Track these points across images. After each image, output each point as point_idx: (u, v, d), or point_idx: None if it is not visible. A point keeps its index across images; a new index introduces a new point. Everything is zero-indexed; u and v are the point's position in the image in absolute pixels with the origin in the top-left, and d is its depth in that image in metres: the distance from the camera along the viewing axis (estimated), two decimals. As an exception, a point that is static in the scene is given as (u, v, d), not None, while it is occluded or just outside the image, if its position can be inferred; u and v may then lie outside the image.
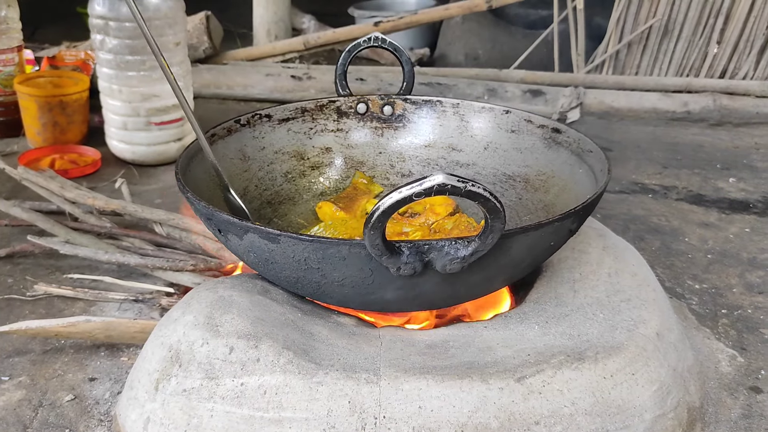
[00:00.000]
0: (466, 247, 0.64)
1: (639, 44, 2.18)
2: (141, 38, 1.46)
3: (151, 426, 0.71)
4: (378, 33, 1.02)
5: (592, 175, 0.85)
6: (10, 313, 1.01)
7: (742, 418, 0.84)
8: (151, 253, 1.08)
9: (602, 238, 0.93)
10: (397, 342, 0.74)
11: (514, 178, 0.98)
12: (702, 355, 0.94)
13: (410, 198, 0.58)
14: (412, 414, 0.66)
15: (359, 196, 1.01)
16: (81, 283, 1.07)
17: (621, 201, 1.47)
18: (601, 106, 2.03)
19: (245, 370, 0.69)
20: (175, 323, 0.75)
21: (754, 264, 1.22)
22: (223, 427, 0.68)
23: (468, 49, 2.56)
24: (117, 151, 1.58)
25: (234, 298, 0.77)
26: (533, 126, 0.98)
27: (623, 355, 0.73)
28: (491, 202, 0.59)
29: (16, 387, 0.87)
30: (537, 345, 0.74)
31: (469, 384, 0.68)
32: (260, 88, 2.09)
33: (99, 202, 1.17)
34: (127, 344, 0.94)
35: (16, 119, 1.66)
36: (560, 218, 0.69)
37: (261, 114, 0.99)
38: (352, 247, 0.65)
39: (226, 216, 0.70)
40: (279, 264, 0.71)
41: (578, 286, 0.84)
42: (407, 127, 1.06)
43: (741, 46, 2.12)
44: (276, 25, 2.49)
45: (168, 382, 0.71)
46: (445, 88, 2.03)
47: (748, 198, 1.50)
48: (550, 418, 0.68)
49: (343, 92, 1.05)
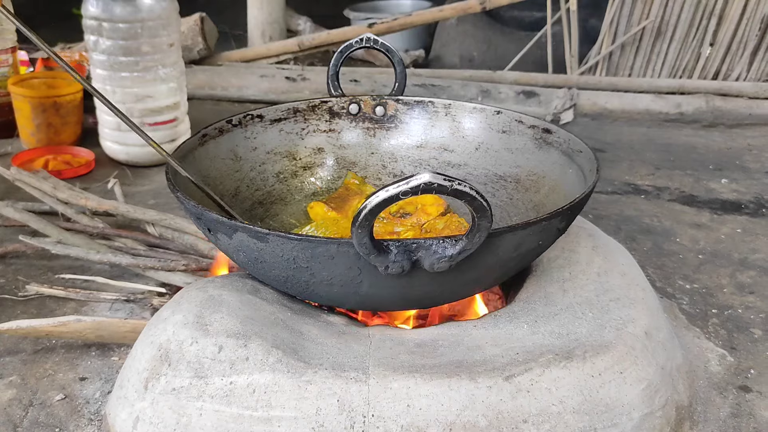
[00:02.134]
0: (454, 246, 0.64)
1: (632, 46, 2.18)
2: (134, 39, 1.46)
3: (141, 425, 0.71)
4: (370, 34, 1.02)
5: (582, 174, 0.86)
6: (2, 313, 1.01)
7: (731, 417, 0.84)
8: (143, 253, 1.08)
9: (592, 238, 0.94)
10: (386, 341, 0.74)
11: (505, 178, 0.99)
12: (692, 354, 0.95)
13: (397, 197, 0.59)
14: (400, 412, 0.67)
15: (351, 197, 1.01)
16: (73, 283, 1.07)
17: (613, 202, 1.48)
18: (595, 108, 2.03)
19: (234, 369, 0.69)
20: (165, 322, 0.75)
21: (745, 264, 1.22)
22: (213, 425, 0.68)
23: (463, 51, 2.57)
24: (111, 152, 1.59)
25: (224, 297, 0.77)
26: (524, 126, 0.98)
27: (612, 354, 0.74)
28: (478, 200, 0.59)
29: (6, 386, 0.87)
30: (526, 344, 0.74)
31: (458, 382, 0.68)
32: (255, 90, 2.09)
33: (91, 202, 1.17)
34: (118, 344, 0.94)
35: (9, 120, 1.66)
36: (548, 217, 0.70)
37: (253, 114, 1.00)
38: (340, 245, 0.65)
39: (215, 215, 0.70)
40: (268, 263, 0.71)
41: (568, 285, 0.84)
42: (399, 128, 1.06)
43: (734, 47, 2.12)
44: (271, 26, 2.50)
45: (157, 381, 0.71)
46: (439, 89, 2.04)
47: (740, 199, 1.51)
48: (539, 417, 0.68)
49: (336, 93, 1.05)
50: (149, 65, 1.50)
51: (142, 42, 1.47)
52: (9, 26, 1.66)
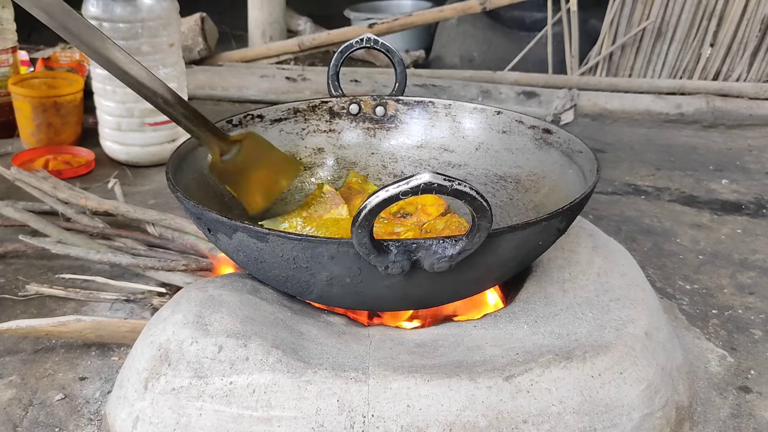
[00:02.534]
0: (454, 246, 0.64)
1: (632, 46, 2.18)
2: (135, 39, 1.46)
3: (141, 425, 0.71)
4: (370, 34, 1.02)
5: (582, 175, 0.86)
6: (2, 313, 1.01)
7: (731, 418, 0.84)
8: (143, 253, 1.08)
9: (592, 238, 0.94)
10: (386, 341, 0.74)
11: (505, 178, 0.99)
12: (692, 354, 0.95)
13: (397, 196, 0.59)
14: (400, 413, 0.67)
15: (353, 196, 1.01)
16: (73, 283, 1.07)
17: (614, 202, 1.48)
18: (595, 108, 2.03)
19: (234, 368, 0.69)
20: (165, 322, 0.75)
21: (745, 265, 1.22)
22: (212, 425, 0.68)
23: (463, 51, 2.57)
24: (111, 152, 1.59)
25: (223, 297, 0.77)
26: (524, 127, 0.98)
27: (611, 354, 0.74)
28: (478, 200, 0.59)
29: (6, 386, 0.87)
30: (526, 344, 0.74)
31: (458, 383, 0.68)
32: (255, 90, 2.09)
33: (92, 202, 1.17)
34: (118, 344, 0.94)
35: (10, 120, 1.66)
36: (548, 217, 0.70)
37: (253, 114, 1.00)
38: (340, 245, 0.65)
39: (215, 215, 0.70)
40: (268, 263, 0.71)
41: (568, 285, 0.84)
42: (399, 128, 1.06)
43: (734, 48, 2.12)
44: (271, 26, 2.49)
45: (157, 381, 0.71)
46: (440, 89, 2.04)
47: (740, 199, 1.51)
48: (538, 417, 0.68)
49: (336, 93, 1.05)
50: (150, 65, 1.49)
51: (143, 42, 1.47)
52: (9, 26, 1.66)
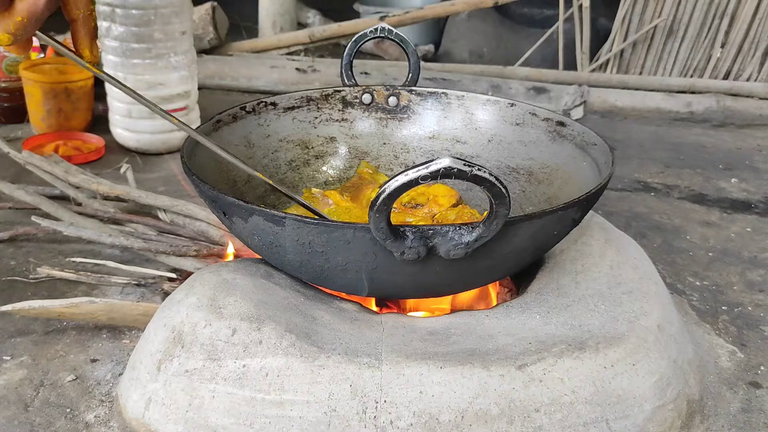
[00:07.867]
0: (470, 232, 0.64)
1: (644, 44, 2.18)
2: (147, 26, 1.46)
3: (153, 406, 0.71)
4: (384, 24, 1.02)
5: (596, 167, 0.86)
6: (13, 295, 1.02)
7: (741, 412, 0.84)
8: (155, 238, 1.08)
9: (605, 232, 0.94)
10: (398, 328, 0.75)
11: (518, 170, 0.99)
12: (702, 349, 0.95)
13: (416, 181, 0.58)
14: (413, 399, 0.67)
15: (364, 186, 1.01)
16: (83, 267, 1.07)
17: (623, 199, 1.48)
18: (605, 105, 2.03)
19: (247, 352, 0.69)
20: (179, 305, 0.75)
21: (755, 263, 1.22)
22: (225, 408, 0.68)
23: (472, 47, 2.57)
24: (121, 139, 1.59)
25: (237, 281, 0.77)
26: (538, 119, 0.98)
27: (624, 346, 0.74)
28: (497, 187, 0.59)
29: (17, 366, 0.87)
30: (538, 334, 0.74)
31: (470, 370, 0.68)
32: (265, 80, 2.09)
33: (103, 187, 1.17)
34: (129, 327, 0.94)
35: (20, 105, 1.66)
36: (564, 207, 0.70)
37: (266, 102, 1.00)
38: (356, 230, 0.65)
39: (230, 198, 0.70)
40: (283, 247, 0.71)
41: (580, 277, 0.84)
42: (412, 119, 1.06)
43: (745, 47, 2.12)
44: (282, 17, 2.50)
45: (170, 362, 0.72)
46: (450, 83, 2.04)
47: (749, 198, 1.50)
48: (551, 406, 0.68)
49: (349, 82, 1.05)
50: (161, 52, 1.50)
51: (155, 29, 1.47)
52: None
